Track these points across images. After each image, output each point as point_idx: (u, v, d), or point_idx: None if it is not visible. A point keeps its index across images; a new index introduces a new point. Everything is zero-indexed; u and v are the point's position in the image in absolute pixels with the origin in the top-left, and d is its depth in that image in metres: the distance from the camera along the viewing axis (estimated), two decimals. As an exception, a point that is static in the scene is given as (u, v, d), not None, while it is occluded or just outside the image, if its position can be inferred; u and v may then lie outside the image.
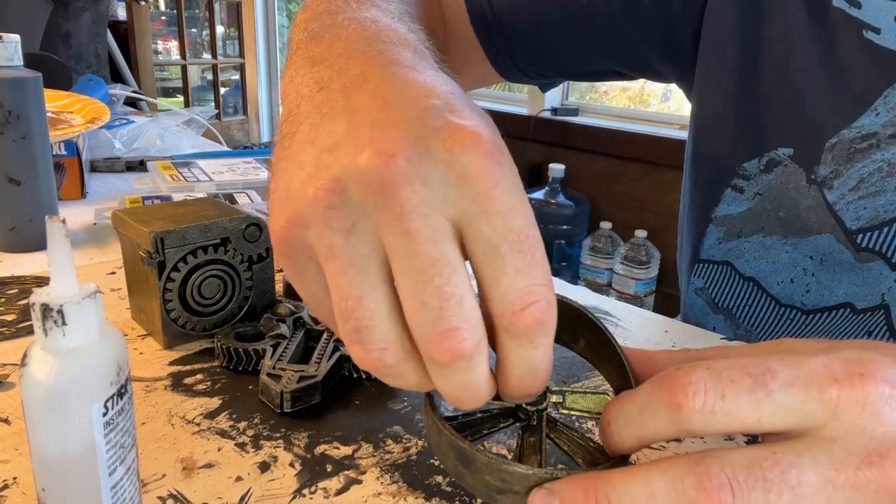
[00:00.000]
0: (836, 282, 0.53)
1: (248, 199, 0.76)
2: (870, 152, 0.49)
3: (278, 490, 0.34)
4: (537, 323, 0.25)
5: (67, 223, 0.24)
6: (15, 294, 0.56)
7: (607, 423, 0.28)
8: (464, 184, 0.24)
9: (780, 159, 0.54)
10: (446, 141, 0.24)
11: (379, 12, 0.36)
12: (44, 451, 0.25)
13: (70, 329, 0.24)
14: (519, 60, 0.63)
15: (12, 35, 0.63)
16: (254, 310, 0.51)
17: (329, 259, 0.25)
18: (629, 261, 2.22)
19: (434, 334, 0.24)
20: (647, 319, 0.56)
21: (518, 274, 0.24)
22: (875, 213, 0.50)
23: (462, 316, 0.24)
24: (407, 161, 0.24)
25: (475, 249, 0.25)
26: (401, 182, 0.24)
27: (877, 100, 0.48)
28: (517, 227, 0.24)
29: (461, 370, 0.25)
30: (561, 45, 0.62)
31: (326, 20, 0.35)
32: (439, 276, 0.24)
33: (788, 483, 0.24)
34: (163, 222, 0.47)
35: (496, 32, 0.61)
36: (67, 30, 1.92)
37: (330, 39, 0.32)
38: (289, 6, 4.73)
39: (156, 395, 0.42)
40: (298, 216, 0.26)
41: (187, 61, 3.62)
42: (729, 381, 0.25)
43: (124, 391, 0.26)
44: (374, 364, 0.26)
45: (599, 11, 0.58)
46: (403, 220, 0.24)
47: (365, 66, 0.29)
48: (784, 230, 0.55)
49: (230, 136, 3.69)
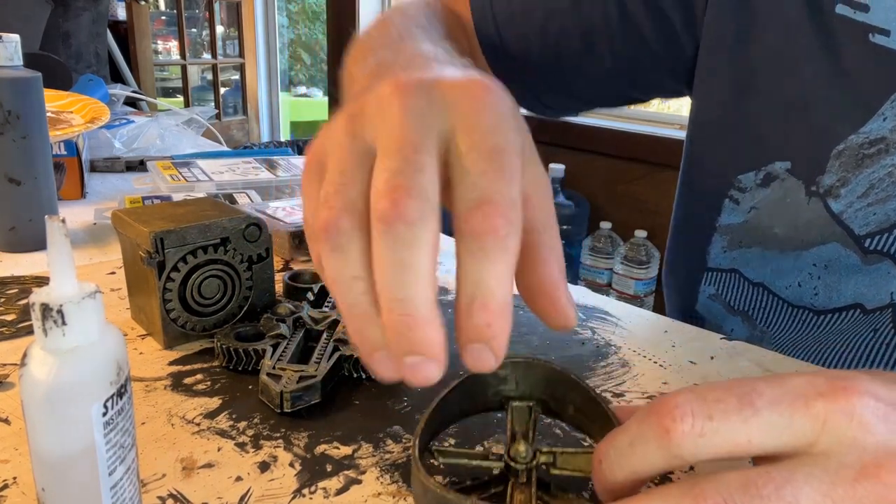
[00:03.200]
0: (844, 284, 0.53)
1: (248, 199, 0.76)
2: (879, 157, 0.48)
3: (278, 490, 0.34)
4: (490, 226, 0.25)
5: (67, 223, 0.24)
6: (15, 294, 0.56)
7: (598, 461, 0.27)
8: (455, 105, 0.27)
9: (778, 173, 0.53)
10: (453, 82, 0.28)
11: (421, 44, 0.42)
12: (43, 450, 0.25)
13: (70, 329, 0.24)
14: (538, 93, 0.65)
15: (12, 35, 0.63)
16: (254, 310, 0.51)
17: (336, 146, 0.29)
18: (629, 261, 2.22)
19: (385, 190, 0.25)
20: (647, 319, 0.56)
21: (481, 177, 0.25)
22: (886, 217, 0.50)
23: (417, 183, 0.25)
24: (414, 87, 0.28)
25: (452, 161, 0.27)
26: (404, 96, 0.28)
27: (884, 104, 0.48)
28: (493, 143, 0.26)
29: (402, 240, 0.24)
30: (576, 76, 0.62)
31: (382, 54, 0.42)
32: (410, 149, 0.26)
33: (784, 500, 0.23)
34: (163, 222, 0.47)
35: (512, 69, 0.62)
36: (67, 30, 1.92)
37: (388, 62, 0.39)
38: (289, 6, 4.72)
39: (156, 394, 0.42)
40: (332, 125, 0.30)
41: (187, 61, 3.62)
42: (715, 402, 0.25)
43: (124, 391, 0.26)
44: (328, 224, 0.26)
45: (604, 41, 0.59)
46: (400, 118, 0.27)
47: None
48: (782, 245, 0.55)
49: (230, 136, 3.69)
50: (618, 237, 2.32)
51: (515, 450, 0.32)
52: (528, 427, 0.34)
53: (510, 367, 0.35)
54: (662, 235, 2.24)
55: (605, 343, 0.52)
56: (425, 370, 0.25)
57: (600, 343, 0.52)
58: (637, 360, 0.49)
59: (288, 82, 5.59)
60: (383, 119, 0.27)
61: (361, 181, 0.27)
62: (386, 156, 0.26)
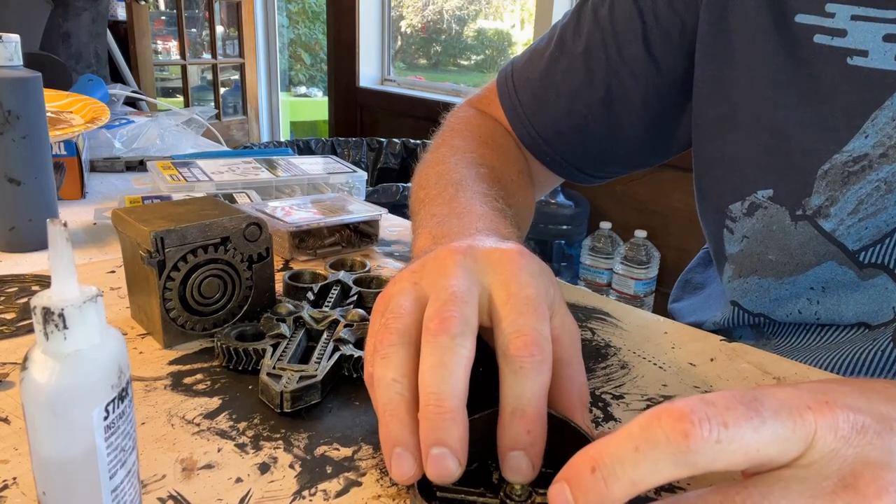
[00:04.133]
0: (844, 305, 0.53)
1: (248, 199, 0.76)
2: (863, 174, 0.49)
3: (278, 492, 0.34)
4: (527, 349, 0.31)
5: (67, 223, 0.24)
6: (14, 293, 0.56)
7: (590, 470, 0.25)
8: (495, 265, 0.36)
9: (760, 202, 0.54)
10: (494, 248, 0.37)
11: (472, 205, 0.50)
12: (44, 454, 0.25)
13: (71, 333, 0.24)
14: (583, 169, 0.69)
15: (12, 35, 0.63)
16: (254, 309, 0.51)
17: (399, 291, 0.36)
18: (629, 261, 2.22)
19: (434, 314, 0.33)
20: (647, 320, 0.56)
21: (519, 316, 0.33)
22: (878, 229, 0.50)
23: (461, 312, 0.33)
24: (464, 251, 0.37)
25: (493, 309, 0.34)
26: (455, 256, 0.36)
27: (865, 122, 0.48)
28: (527, 293, 0.34)
29: (444, 347, 0.31)
30: (610, 142, 0.65)
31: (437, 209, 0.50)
32: (459, 291, 0.34)
33: None
34: (163, 221, 0.47)
35: (552, 154, 0.67)
36: (67, 30, 1.92)
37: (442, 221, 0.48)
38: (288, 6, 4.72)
39: (155, 394, 0.42)
40: (399, 278, 0.38)
41: (187, 61, 3.62)
42: (726, 409, 0.24)
43: (125, 394, 0.26)
44: (381, 338, 0.33)
45: (624, 103, 0.62)
46: (452, 270, 0.35)
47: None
48: (778, 272, 0.55)
49: (230, 136, 3.69)
50: (618, 237, 2.32)
51: (511, 487, 0.32)
52: None
53: None
54: (662, 235, 2.25)
55: (605, 344, 0.52)
56: (446, 463, 0.29)
57: (600, 344, 0.52)
58: (637, 362, 0.49)
59: (288, 82, 5.59)
60: (439, 272, 0.35)
61: (416, 317, 0.34)
62: (438, 297, 0.34)
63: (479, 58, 3.62)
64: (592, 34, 0.62)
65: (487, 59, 3.58)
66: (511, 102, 0.67)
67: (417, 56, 3.83)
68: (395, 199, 1.83)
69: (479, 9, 3.57)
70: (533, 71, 0.66)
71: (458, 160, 0.59)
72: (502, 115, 0.68)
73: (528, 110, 0.66)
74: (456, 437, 0.30)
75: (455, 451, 0.29)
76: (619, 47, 0.60)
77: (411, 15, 3.76)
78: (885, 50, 0.47)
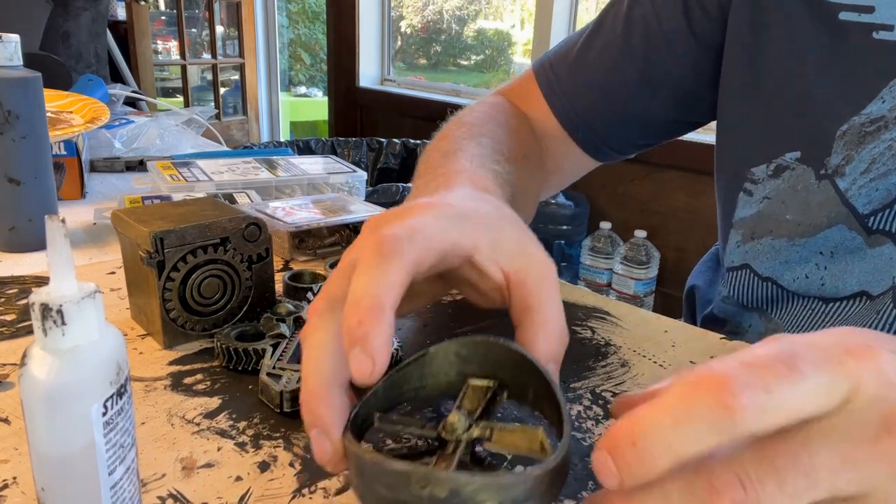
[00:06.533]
0: (849, 272, 0.55)
1: (248, 199, 0.76)
2: (878, 133, 0.52)
3: (278, 490, 0.34)
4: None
5: (67, 223, 0.24)
6: (14, 294, 0.56)
7: (631, 444, 0.24)
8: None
9: (788, 164, 0.57)
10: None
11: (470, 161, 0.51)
12: (43, 450, 0.25)
13: (69, 329, 0.24)
14: (613, 144, 0.70)
15: (12, 35, 0.63)
16: (254, 310, 0.51)
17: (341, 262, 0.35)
18: (629, 261, 2.22)
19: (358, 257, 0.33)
20: (647, 319, 0.56)
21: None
22: (887, 192, 0.52)
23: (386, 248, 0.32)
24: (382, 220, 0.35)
25: None
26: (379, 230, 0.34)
27: (883, 89, 0.51)
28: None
29: (369, 265, 0.31)
30: (644, 117, 0.67)
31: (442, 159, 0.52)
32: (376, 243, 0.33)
33: (801, 468, 0.23)
34: (162, 222, 0.47)
35: (582, 126, 0.69)
36: (67, 30, 1.92)
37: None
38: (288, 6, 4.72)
39: (155, 394, 0.42)
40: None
41: (187, 61, 3.62)
42: (766, 371, 0.23)
43: (124, 391, 0.26)
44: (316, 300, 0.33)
45: (659, 75, 0.64)
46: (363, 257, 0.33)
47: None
48: (791, 232, 0.57)
49: (230, 136, 3.69)
50: (618, 237, 2.32)
51: (449, 421, 0.31)
52: (480, 405, 0.32)
53: (471, 346, 0.34)
54: (662, 235, 2.25)
55: (605, 343, 0.52)
56: (361, 360, 0.28)
57: (600, 343, 0.52)
58: (637, 360, 0.49)
59: (288, 82, 5.59)
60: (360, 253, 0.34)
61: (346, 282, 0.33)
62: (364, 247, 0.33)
63: (479, 58, 3.62)
64: (633, 10, 0.64)
65: (487, 60, 3.58)
66: (548, 80, 0.69)
67: (417, 56, 3.83)
68: (395, 199, 1.82)
69: (479, 9, 3.57)
70: (571, 50, 0.69)
71: (462, 133, 0.59)
72: (530, 105, 0.70)
73: (565, 83, 0.68)
74: (372, 336, 0.29)
75: (371, 347, 0.28)
76: (660, 21, 0.63)
77: (411, 15, 3.77)
78: None
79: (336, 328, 0.31)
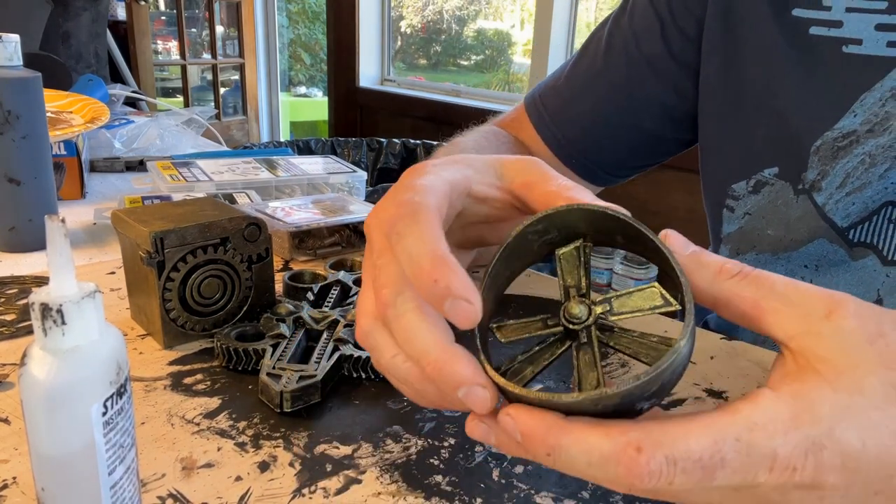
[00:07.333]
0: (834, 285, 0.55)
1: (248, 199, 0.76)
2: (851, 148, 0.52)
3: (278, 490, 0.34)
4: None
5: (67, 223, 0.24)
6: (14, 294, 0.56)
7: (546, 453, 0.27)
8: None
9: (767, 179, 0.58)
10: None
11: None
12: (43, 450, 0.25)
13: (69, 329, 0.24)
14: (608, 168, 0.71)
15: (12, 35, 0.63)
16: (254, 310, 0.51)
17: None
18: (629, 261, 2.22)
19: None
20: (647, 320, 0.56)
21: None
22: (864, 206, 0.53)
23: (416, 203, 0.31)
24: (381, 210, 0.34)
25: None
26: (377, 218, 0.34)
27: (854, 103, 0.52)
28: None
29: (400, 233, 0.30)
30: (632, 141, 0.68)
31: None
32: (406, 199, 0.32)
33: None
34: (162, 222, 0.47)
35: (575, 153, 0.70)
36: (67, 30, 1.92)
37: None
38: (288, 6, 4.72)
39: (155, 394, 0.42)
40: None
41: (187, 61, 3.62)
42: (681, 472, 0.25)
43: (123, 391, 0.26)
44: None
45: (641, 97, 0.65)
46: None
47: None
48: (774, 247, 0.58)
49: (230, 136, 3.69)
50: (618, 237, 2.32)
51: (570, 312, 0.31)
52: (580, 275, 0.32)
53: (545, 220, 0.33)
54: (662, 235, 2.25)
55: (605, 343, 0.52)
56: (460, 306, 0.28)
57: (600, 343, 0.52)
58: (636, 361, 0.49)
59: (288, 82, 5.59)
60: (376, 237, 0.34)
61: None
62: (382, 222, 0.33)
63: (479, 58, 3.62)
64: (613, 37, 0.66)
65: (487, 60, 3.57)
66: (537, 111, 0.71)
67: (417, 56, 3.83)
68: (395, 200, 1.82)
69: (478, 9, 3.57)
70: (557, 80, 0.71)
71: (457, 150, 0.61)
72: (525, 135, 0.72)
73: (553, 113, 0.70)
74: (454, 284, 0.28)
75: (459, 294, 0.28)
76: (639, 44, 0.64)
77: (411, 15, 3.77)
78: (878, 38, 0.51)
79: (415, 304, 0.30)
